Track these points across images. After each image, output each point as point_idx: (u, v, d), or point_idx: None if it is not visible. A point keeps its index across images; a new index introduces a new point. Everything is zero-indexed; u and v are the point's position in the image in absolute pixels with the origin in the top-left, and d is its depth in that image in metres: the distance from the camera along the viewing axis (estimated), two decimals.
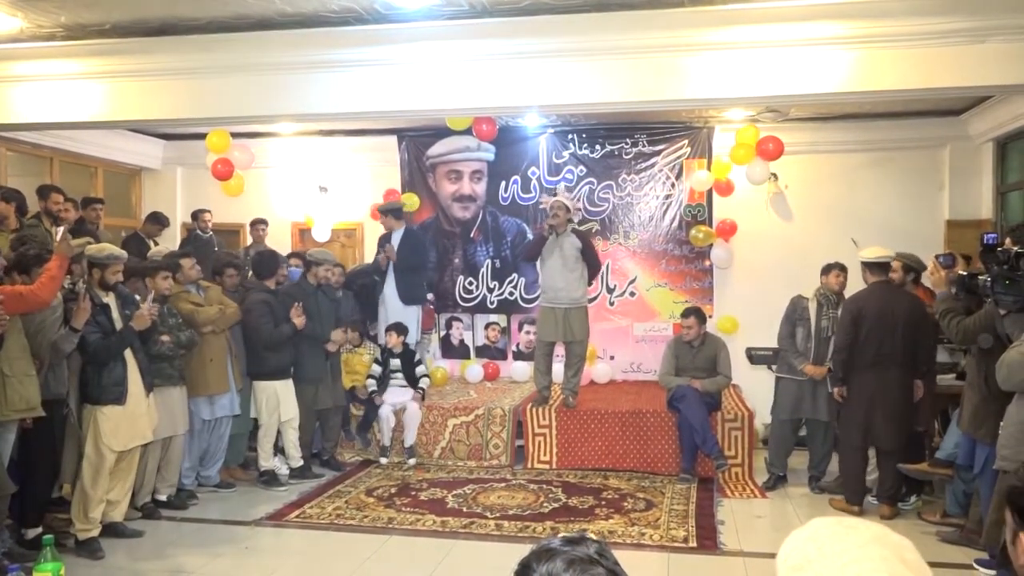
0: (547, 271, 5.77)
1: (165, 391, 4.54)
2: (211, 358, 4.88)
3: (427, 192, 7.51)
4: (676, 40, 4.27)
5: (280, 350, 5.19)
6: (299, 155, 7.84)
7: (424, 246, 6.69)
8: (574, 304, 5.73)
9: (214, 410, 4.97)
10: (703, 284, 7.05)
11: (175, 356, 4.62)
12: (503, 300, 7.38)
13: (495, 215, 7.42)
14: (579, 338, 5.75)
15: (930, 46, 4.01)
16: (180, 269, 4.88)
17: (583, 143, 7.20)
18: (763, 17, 4.12)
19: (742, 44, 4.23)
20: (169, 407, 4.58)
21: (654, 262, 7.13)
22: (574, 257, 5.68)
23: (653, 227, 7.12)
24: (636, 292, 7.17)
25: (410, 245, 6.34)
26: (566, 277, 5.66)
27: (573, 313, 5.70)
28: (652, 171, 7.11)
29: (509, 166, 7.34)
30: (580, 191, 7.22)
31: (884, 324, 4.51)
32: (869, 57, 4.11)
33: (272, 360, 5.21)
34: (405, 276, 6.27)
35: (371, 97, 4.68)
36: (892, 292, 4.62)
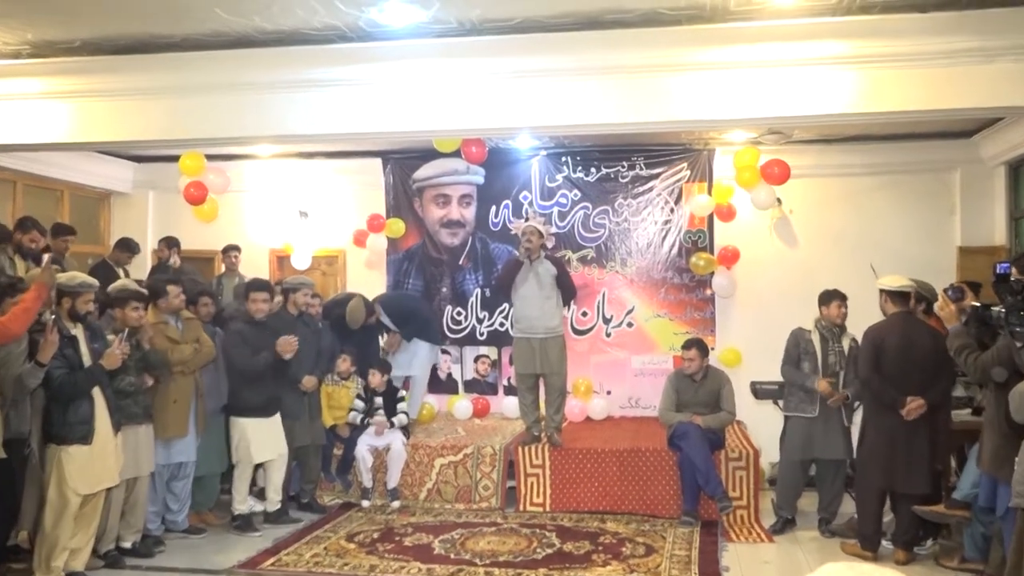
0: (521, 299, 5.79)
1: (129, 429, 4.46)
2: (175, 399, 4.81)
3: (413, 217, 7.53)
4: (674, 59, 4.31)
5: (256, 383, 5.11)
6: (278, 178, 7.87)
7: (404, 305, 6.69)
8: (550, 333, 5.75)
9: (170, 454, 4.87)
10: (704, 314, 7.05)
11: (139, 392, 4.55)
12: (493, 331, 7.37)
13: (485, 241, 7.43)
14: (556, 369, 5.75)
15: (937, 66, 4.06)
16: (165, 296, 4.83)
17: (577, 166, 7.23)
18: (764, 36, 4.17)
19: (742, 63, 4.27)
20: (133, 447, 4.49)
21: (653, 291, 7.14)
22: (549, 284, 5.72)
23: (651, 254, 7.14)
24: (634, 323, 7.15)
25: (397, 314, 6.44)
26: (541, 305, 5.70)
27: (550, 343, 5.72)
28: (650, 195, 7.14)
29: (500, 190, 7.36)
30: (574, 216, 7.26)
31: (907, 358, 4.48)
32: (874, 77, 4.16)
33: (246, 395, 5.13)
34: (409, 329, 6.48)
35: (354, 118, 4.69)
36: (914, 324, 4.60)
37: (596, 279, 7.23)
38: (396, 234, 7.44)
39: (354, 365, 6.00)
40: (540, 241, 5.79)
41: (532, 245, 5.71)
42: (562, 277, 5.79)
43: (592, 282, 7.22)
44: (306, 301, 5.62)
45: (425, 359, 6.63)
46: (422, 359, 6.59)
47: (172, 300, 4.88)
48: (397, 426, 5.86)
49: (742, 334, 6.99)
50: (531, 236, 5.73)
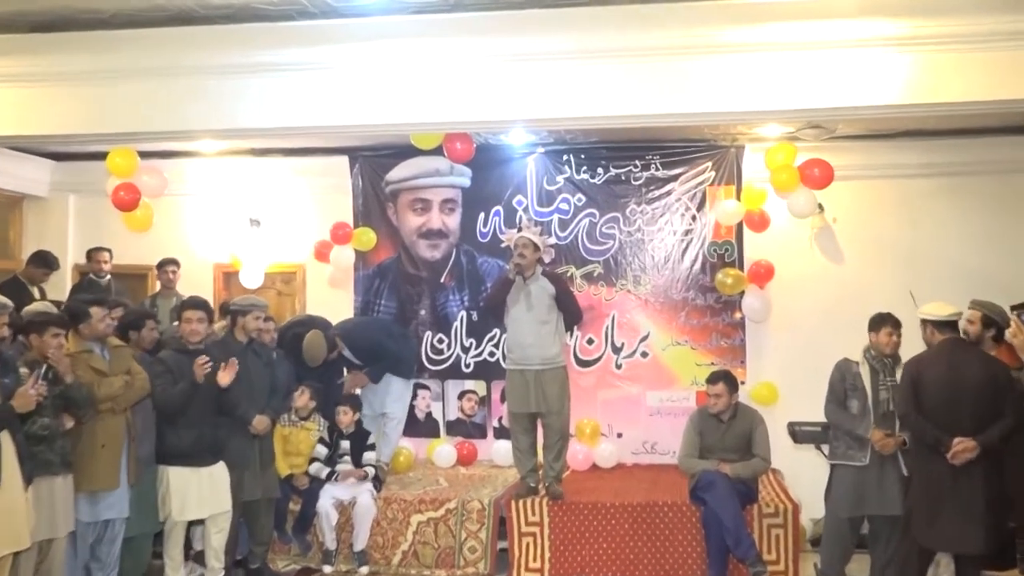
0: (513, 324, 5.81)
1: (44, 481, 4.36)
2: (103, 443, 4.71)
3: (386, 226, 7.53)
4: (696, 39, 4.33)
5: (179, 420, 4.97)
6: (225, 180, 7.87)
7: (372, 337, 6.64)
8: (548, 364, 5.74)
9: (97, 511, 4.77)
10: (733, 342, 7.05)
11: (56, 436, 4.45)
12: (481, 362, 7.36)
13: (471, 255, 7.43)
14: (555, 408, 5.75)
15: (1005, 49, 4.08)
16: (88, 319, 4.75)
17: (581, 166, 7.25)
18: (804, 12, 4.20)
19: (778, 45, 4.30)
20: (48, 502, 4.39)
21: (671, 314, 7.13)
22: (546, 305, 5.73)
23: (670, 270, 7.14)
24: (649, 352, 7.15)
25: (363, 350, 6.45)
26: (537, 331, 5.71)
27: (548, 376, 5.73)
28: (668, 200, 7.15)
29: (489, 194, 7.38)
30: (578, 225, 7.28)
31: (953, 392, 4.49)
32: (932, 62, 4.19)
33: (171, 437, 5.00)
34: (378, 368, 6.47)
35: (316, 108, 4.69)
36: (963, 351, 4.61)
37: (604, 300, 7.23)
38: (366, 246, 7.44)
39: (316, 401, 5.96)
40: (535, 255, 5.79)
41: (525, 260, 5.71)
42: (562, 297, 5.80)
43: (599, 303, 7.22)
44: (257, 326, 5.55)
45: (402, 393, 6.63)
46: (398, 393, 6.59)
47: (96, 324, 4.80)
48: (366, 476, 5.80)
49: (778, 366, 6.99)
50: (523, 249, 5.74)
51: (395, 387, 6.55)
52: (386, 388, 6.50)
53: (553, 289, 5.77)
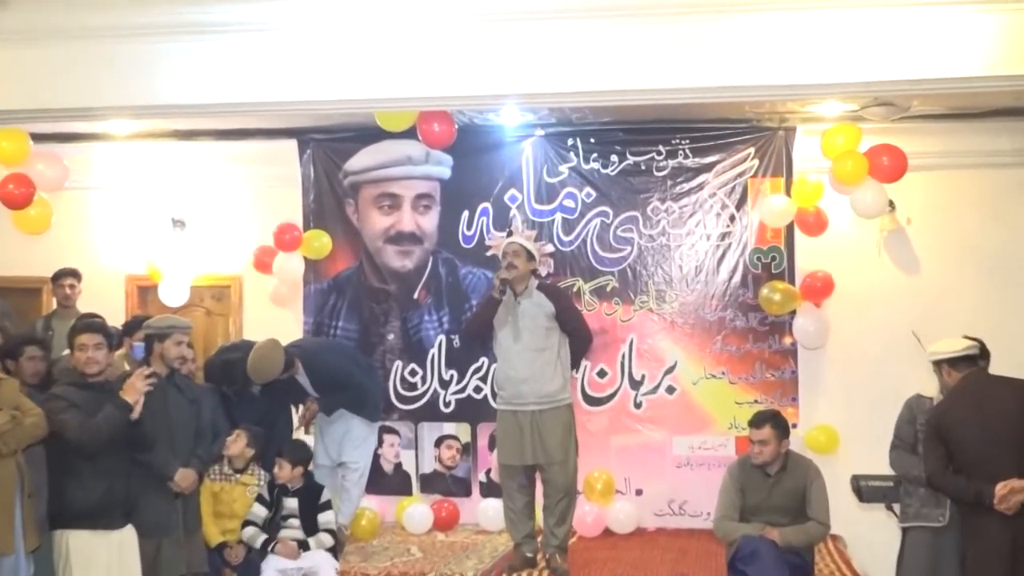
0: (503, 353, 5.83)
1: None
2: None
3: (344, 229, 7.53)
4: None
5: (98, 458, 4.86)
6: (141, 170, 7.85)
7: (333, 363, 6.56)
8: (548, 403, 5.72)
9: None
10: (782, 374, 7.02)
11: None
12: (465, 400, 7.35)
13: (452, 265, 7.42)
14: (558, 458, 5.71)
15: None
16: None
17: (591, 153, 7.25)
18: None
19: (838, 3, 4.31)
20: None
21: (704, 339, 7.11)
22: (543, 328, 5.73)
23: (702, 284, 7.13)
24: (676, 387, 7.12)
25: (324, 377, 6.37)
26: (531, 361, 5.69)
27: (548, 418, 5.71)
28: (699, 196, 7.14)
29: (475, 188, 7.39)
30: (587, 228, 7.27)
31: (984, 434, 4.54)
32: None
33: (74, 491, 4.88)
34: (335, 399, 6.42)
35: (256, 80, 4.71)
36: (988, 385, 4.72)
37: (620, 321, 7.23)
38: (318, 254, 7.42)
39: (254, 447, 5.87)
40: (528, 266, 5.77)
41: (517, 272, 5.69)
42: (565, 316, 5.77)
43: (613, 326, 7.21)
44: (179, 353, 5.39)
45: (366, 438, 6.58)
46: (360, 438, 6.53)
47: None
48: (320, 546, 5.71)
49: (838, 404, 7.00)
50: (514, 258, 5.71)
51: (356, 430, 6.46)
52: (345, 431, 6.42)
53: (552, 307, 5.75)
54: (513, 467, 5.83)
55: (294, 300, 7.57)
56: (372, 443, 6.72)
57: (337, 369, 6.46)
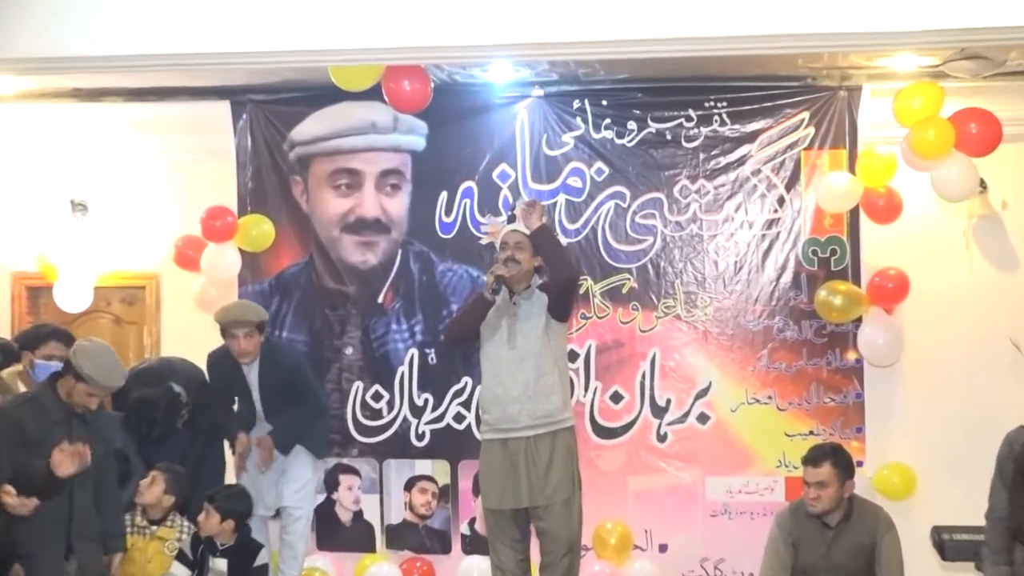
0: (490, 366, 5.84)
1: None
2: None
3: (290, 213, 7.55)
4: None
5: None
6: (31, 139, 7.87)
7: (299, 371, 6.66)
8: (544, 425, 5.69)
9: None
10: (844, 398, 6.99)
11: None
12: (443, 432, 7.33)
13: (427, 260, 7.42)
14: (560, 496, 5.68)
15: None
16: None
17: (603, 118, 7.23)
18: None
19: None
20: None
21: (746, 355, 7.11)
22: (538, 338, 5.72)
23: (743, 285, 7.14)
24: (711, 415, 7.11)
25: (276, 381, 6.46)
26: (526, 373, 5.68)
27: (544, 446, 5.69)
28: (740, 173, 7.14)
29: (456, 163, 7.40)
30: (597, 213, 7.26)
31: None
32: None
33: None
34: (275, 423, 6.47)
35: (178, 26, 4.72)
36: None
37: (639, 332, 7.22)
38: (258, 245, 7.42)
39: (175, 493, 5.90)
40: (533, 263, 5.76)
41: (519, 270, 5.68)
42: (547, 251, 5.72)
43: (631, 338, 7.22)
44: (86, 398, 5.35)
45: (310, 477, 6.64)
46: (302, 477, 6.56)
47: None
48: None
49: (915, 437, 7.03)
50: (515, 251, 5.70)
51: (297, 467, 6.52)
52: (281, 469, 6.47)
53: (551, 304, 5.76)
54: (502, 513, 5.76)
55: (225, 302, 7.21)
56: (316, 482, 6.82)
57: (293, 362, 6.62)
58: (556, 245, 5.86)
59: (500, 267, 5.70)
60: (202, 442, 6.41)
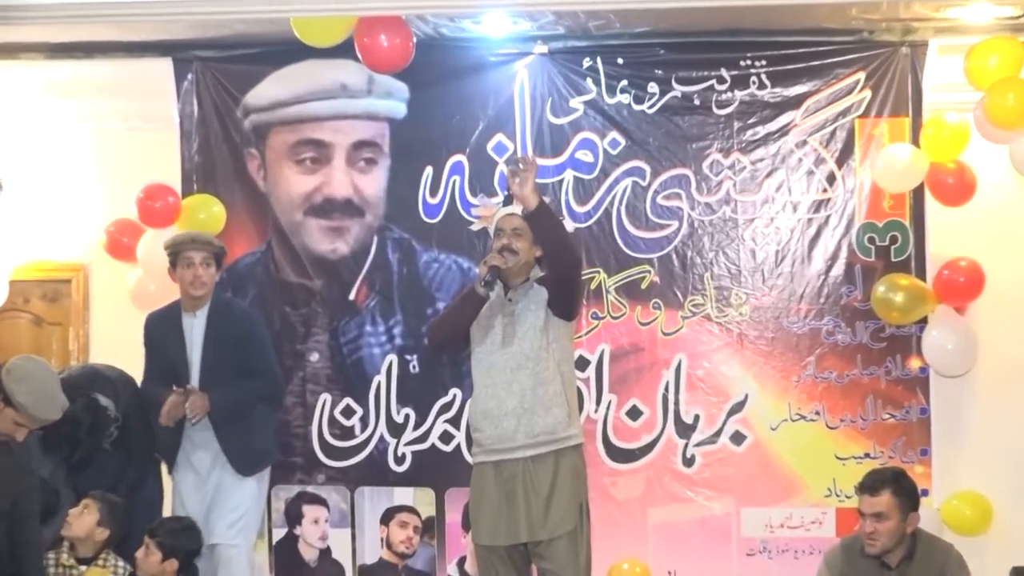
0: (482, 373, 5.71)
1: None
2: None
3: (244, 193, 7.55)
4: None
5: None
6: None
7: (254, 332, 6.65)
8: (547, 442, 5.57)
9: None
10: (906, 414, 6.99)
11: None
12: (426, 454, 7.33)
13: (409, 248, 7.42)
14: (565, 528, 5.54)
15: None
16: None
17: (618, 80, 7.23)
18: None
19: None
20: None
21: (790, 362, 7.11)
22: (536, 339, 5.61)
23: (786, 279, 7.14)
24: (748, 433, 7.09)
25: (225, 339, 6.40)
26: (520, 384, 5.57)
27: (545, 467, 5.57)
28: (782, 146, 7.14)
29: (443, 133, 7.40)
30: (612, 194, 7.25)
31: None
32: None
33: None
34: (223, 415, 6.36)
35: None
36: None
37: (661, 335, 7.22)
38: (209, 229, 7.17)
39: (110, 526, 5.89)
40: (533, 253, 5.67)
41: (516, 261, 5.59)
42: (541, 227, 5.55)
43: (652, 341, 7.21)
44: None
45: (251, 504, 6.54)
46: (244, 500, 6.48)
47: None
48: None
49: (990, 460, 7.04)
50: (513, 238, 5.61)
51: (234, 491, 6.42)
52: (216, 487, 6.40)
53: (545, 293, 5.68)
54: (496, 550, 5.65)
55: (167, 302, 7.17)
56: (259, 509, 6.71)
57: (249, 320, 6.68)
58: (552, 221, 5.74)
59: (495, 256, 5.60)
60: (136, 465, 6.40)
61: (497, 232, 5.71)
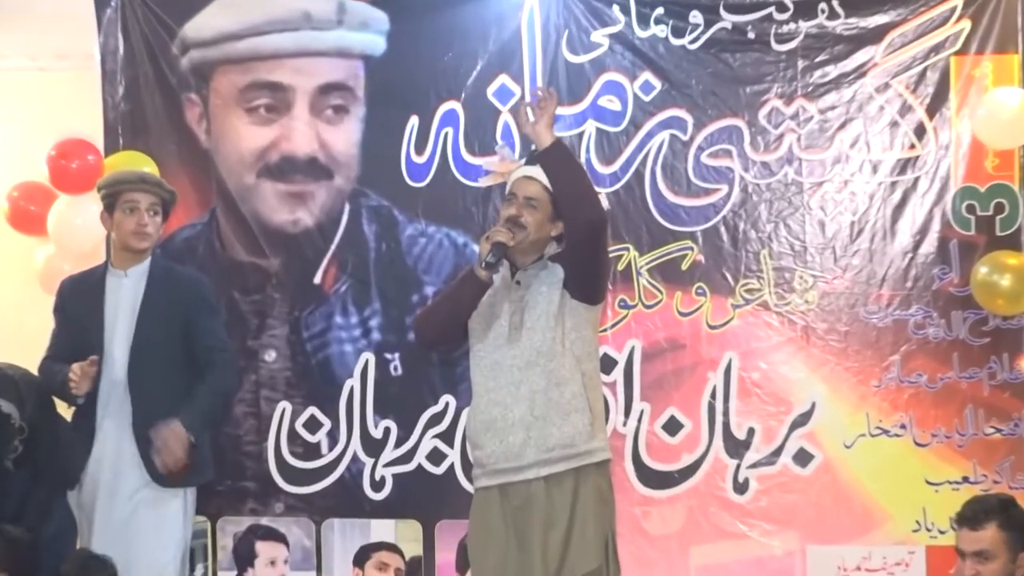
0: (483, 372, 5.69)
1: None
2: None
3: (182, 149, 7.58)
4: None
5: None
6: None
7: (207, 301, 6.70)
8: (561, 460, 5.51)
9: None
10: (1014, 428, 6.90)
11: None
12: (411, 477, 7.34)
13: (390, 219, 7.44)
14: (580, 569, 5.50)
15: None
16: None
17: (651, 7, 7.19)
18: None
19: None
20: None
21: (867, 362, 7.04)
22: (550, 328, 5.55)
23: (863, 258, 7.09)
24: (815, 452, 7.03)
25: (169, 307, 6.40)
26: (530, 386, 5.53)
27: (559, 490, 5.53)
28: (859, 90, 7.08)
29: (431, 74, 7.41)
30: (645, 150, 7.18)
31: None
32: None
33: None
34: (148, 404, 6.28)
35: None
36: None
37: (706, 328, 7.20)
38: None
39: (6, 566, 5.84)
40: (550, 229, 5.61)
41: (525, 236, 5.53)
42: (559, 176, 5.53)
43: (695, 336, 7.20)
44: None
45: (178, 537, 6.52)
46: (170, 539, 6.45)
47: None
48: None
49: None
50: (526, 209, 5.56)
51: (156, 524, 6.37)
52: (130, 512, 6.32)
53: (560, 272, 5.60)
54: None
55: None
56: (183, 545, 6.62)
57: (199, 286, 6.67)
58: (571, 164, 5.66)
59: (500, 231, 5.52)
60: (45, 488, 6.39)
61: (508, 195, 5.67)
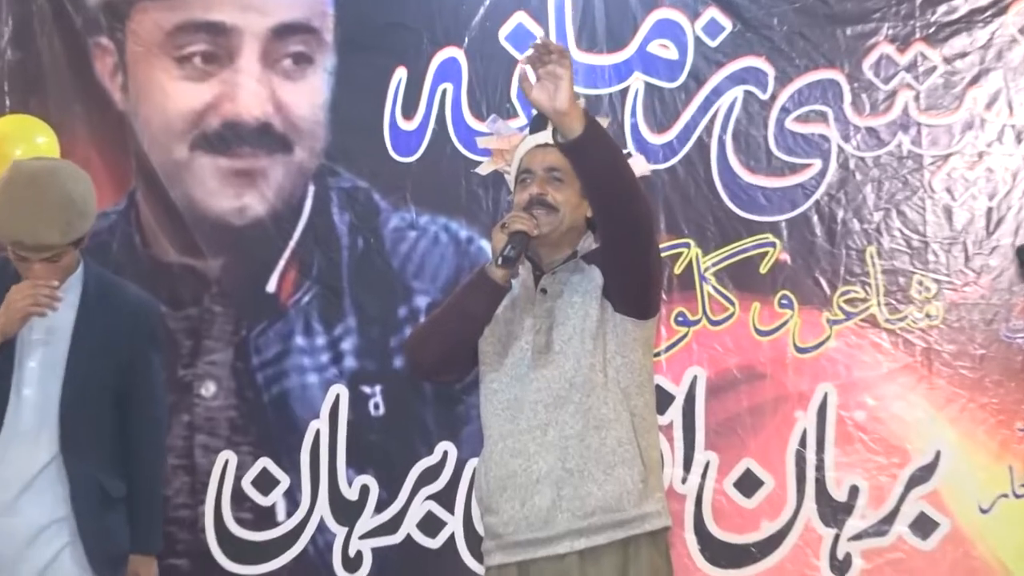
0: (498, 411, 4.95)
1: None
2: None
3: (91, 112, 7.12)
4: None
5: None
6: None
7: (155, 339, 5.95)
8: (602, 528, 4.81)
9: None
10: None
11: None
12: (398, 552, 6.85)
13: (368, 205, 6.93)
14: None
15: None
16: None
17: None
18: None
19: None
20: None
21: (1011, 397, 6.45)
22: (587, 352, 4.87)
23: (1003, 257, 6.53)
24: (941, 516, 6.37)
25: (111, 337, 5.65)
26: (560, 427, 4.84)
27: (594, 573, 4.89)
28: (995, 32, 6.53)
29: (424, 13, 6.92)
30: (712, 112, 6.61)
31: None
32: None
33: None
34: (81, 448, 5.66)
35: None
36: None
37: (794, 351, 6.62)
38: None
39: None
40: (582, 210, 4.95)
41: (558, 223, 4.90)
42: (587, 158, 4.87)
43: (779, 363, 6.60)
44: None
45: None
46: None
47: None
48: None
49: None
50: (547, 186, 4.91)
51: None
52: None
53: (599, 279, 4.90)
54: None
55: None
56: None
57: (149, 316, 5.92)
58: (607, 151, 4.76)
59: (519, 217, 4.68)
60: None
61: (521, 176, 4.92)
